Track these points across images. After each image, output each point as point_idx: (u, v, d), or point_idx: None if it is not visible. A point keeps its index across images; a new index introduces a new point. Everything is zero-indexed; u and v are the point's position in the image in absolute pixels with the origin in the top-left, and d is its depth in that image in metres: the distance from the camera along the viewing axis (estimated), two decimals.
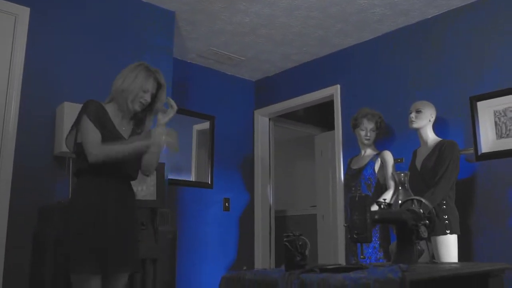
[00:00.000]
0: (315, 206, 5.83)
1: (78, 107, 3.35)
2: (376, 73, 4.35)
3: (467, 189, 3.61)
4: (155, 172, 3.70)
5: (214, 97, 4.95)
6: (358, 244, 1.85)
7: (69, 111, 3.27)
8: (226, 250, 4.66)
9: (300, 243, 1.56)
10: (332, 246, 4.98)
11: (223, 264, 4.53)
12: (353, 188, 3.73)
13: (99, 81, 3.58)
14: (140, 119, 2.53)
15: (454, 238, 3.31)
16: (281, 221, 5.94)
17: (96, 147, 2.26)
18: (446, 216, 3.29)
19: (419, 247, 2.01)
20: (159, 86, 2.47)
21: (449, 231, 3.28)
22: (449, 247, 3.27)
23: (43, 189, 3.33)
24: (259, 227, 4.97)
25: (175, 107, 2.47)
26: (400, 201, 2.10)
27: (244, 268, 1.63)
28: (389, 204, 1.97)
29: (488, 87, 3.60)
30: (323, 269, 1.45)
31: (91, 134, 2.29)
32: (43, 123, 3.34)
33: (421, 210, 1.97)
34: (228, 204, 4.76)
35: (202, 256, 4.44)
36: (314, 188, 5.90)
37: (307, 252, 1.56)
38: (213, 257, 4.51)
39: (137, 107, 2.40)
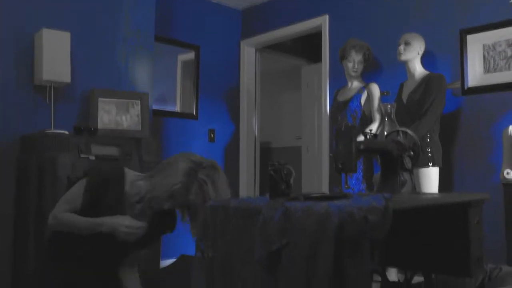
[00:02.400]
0: (300, 138, 5.86)
1: (57, 33, 3.26)
2: (365, 3, 4.23)
3: (451, 123, 3.63)
4: (139, 102, 3.65)
5: (199, 26, 4.80)
6: (343, 174, 1.86)
7: (48, 38, 3.16)
8: None
9: (285, 172, 1.55)
10: (316, 178, 5.06)
11: None
12: (338, 120, 3.74)
13: (80, 4, 3.44)
14: None
15: (436, 170, 3.36)
16: (266, 152, 5.98)
17: None
18: (430, 149, 3.32)
19: (402, 178, 2.03)
20: None
21: (431, 164, 3.33)
22: (430, 179, 3.33)
23: (25, 119, 3.27)
24: (244, 158, 5.01)
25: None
26: (385, 132, 2.09)
27: (228, 197, 1.63)
28: (374, 135, 1.97)
29: (479, 21, 3.53)
30: (308, 198, 1.46)
31: None
32: (21, 52, 3.23)
33: (406, 142, 1.97)
34: (213, 135, 4.76)
35: None
36: (300, 120, 5.91)
37: (291, 181, 1.56)
38: None
39: None
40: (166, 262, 3.52)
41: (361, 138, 1.92)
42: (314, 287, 1.24)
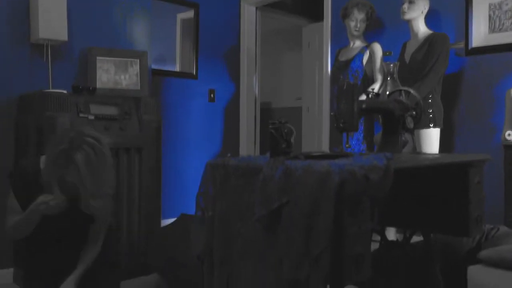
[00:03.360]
0: (300, 98, 5.82)
1: None
2: None
3: (454, 84, 3.59)
4: (137, 61, 3.61)
5: None
6: (344, 134, 1.84)
7: None
8: (211, 140, 4.69)
9: (285, 130, 1.53)
10: (316, 139, 5.05)
11: (208, 153, 4.57)
12: (340, 80, 3.70)
13: None
14: None
15: (436, 131, 3.35)
16: (266, 113, 5.95)
17: None
18: (431, 110, 3.30)
19: (403, 138, 2.02)
20: None
21: (432, 125, 3.31)
22: (431, 140, 3.32)
23: (22, 78, 3.23)
24: (244, 118, 4.98)
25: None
26: (388, 92, 2.07)
27: (229, 155, 1.62)
28: (377, 94, 1.94)
29: None
30: (308, 156, 1.45)
31: None
32: (17, 9, 3.16)
33: (409, 101, 1.95)
34: (213, 95, 4.72)
35: (187, 146, 4.47)
36: (300, 80, 5.85)
37: (292, 140, 1.55)
38: (198, 146, 4.55)
39: None
40: (166, 222, 3.55)
41: (363, 97, 1.90)
42: (314, 245, 1.24)
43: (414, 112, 1.96)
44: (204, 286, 1.62)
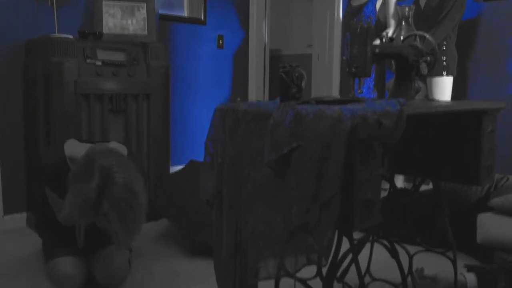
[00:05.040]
0: (311, 45, 5.70)
1: None
2: None
3: (469, 31, 3.49)
4: (144, 5, 3.52)
5: None
6: (356, 80, 1.80)
7: None
8: (220, 87, 4.65)
9: (296, 74, 1.50)
10: (326, 87, 4.98)
11: (216, 100, 4.53)
12: (352, 25, 3.60)
13: None
14: None
15: (449, 79, 3.29)
16: (275, 60, 5.86)
17: None
18: (445, 57, 3.23)
19: (416, 85, 1.97)
20: None
21: (445, 73, 3.25)
22: (444, 88, 3.27)
23: (27, 23, 3.19)
24: (253, 65, 4.91)
25: None
26: (402, 37, 2.00)
27: (238, 99, 1.59)
28: (391, 39, 1.88)
29: None
30: (319, 101, 1.42)
31: None
32: None
33: (424, 47, 1.88)
34: (222, 42, 4.63)
35: (196, 92, 4.44)
36: (311, 27, 5.71)
37: (303, 84, 1.51)
38: (206, 93, 4.51)
39: None
40: (175, 168, 3.57)
41: (376, 42, 1.84)
42: (324, 190, 1.23)
43: (428, 58, 1.90)
44: (213, 231, 1.63)
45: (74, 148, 2.28)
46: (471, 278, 2.35)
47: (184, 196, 2.94)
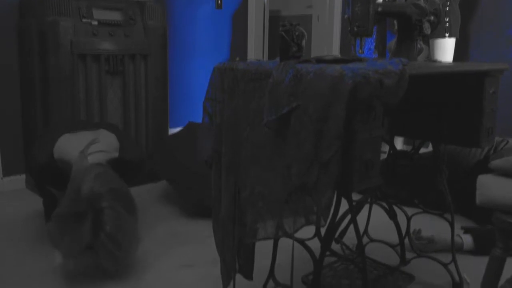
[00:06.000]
0: (311, 6, 5.60)
1: None
2: None
3: None
4: None
5: None
6: (357, 40, 1.77)
7: None
8: (219, 48, 4.57)
9: (296, 33, 1.46)
10: (327, 49, 4.91)
11: (215, 61, 4.43)
12: None
13: None
14: None
15: (452, 41, 3.24)
16: (275, 21, 5.77)
17: None
18: (448, 19, 3.16)
19: (419, 45, 1.93)
20: None
21: (448, 34, 3.19)
22: (445, 50, 3.22)
23: None
24: (252, 26, 4.82)
25: None
26: None
27: (237, 59, 1.56)
28: None
29: None
30: (320, 60, 1.39)
31: None
32: None
33: (427, 6, 1.84)
34: (221, 2, 4.52)
35: (194, 53, 4.37)
36: None
37: (303, 43, 1.47)
38: (205, 55, 4.44)
39: None
40: (174, 131, 3.55)
41: (379, 0, 1.79)
42: (324, 150, 1.22)
43: (432, 18, 1.85)
44: (212, 191, 1.63)
45: (64, 148, 2.30)
46: (467, 239, 2.37)
47: (183, 157, 2.93)
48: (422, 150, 2.53)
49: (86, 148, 2.18)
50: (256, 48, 4.88)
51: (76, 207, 1.94)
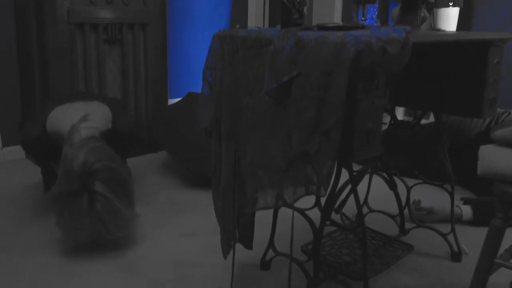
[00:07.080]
0: None
1: None
2: None
3: None
4: None
5: None
6: (360, 10, 1.74)
7: None
8: (218, 16, 4.50)
9: (298, 0, 1.43)
10: (328, 17, 4.85)
11: (215, 30, 4.41)
12: None
13: None
14: None
15: (456, 11, 3.18)
16: None
17: None
18: None
19: (422, 14, 1.90)
20: None
21: (452, 3, 3.14)
22: (449, 19, 3.17)
23: None
24: None
25: None
26: None
27: (237, 26, 1.53)
28: None
29: None
30: (322, 28, 1.36)
31: None
32: None
33: None
34: None
35: (193, 23, 4.30)
36: None
37: (305, 10, 1.44)
38: (204, 24, 4.38)
39: None
40: (174, 101, 3.53)
41: None
42: (325, 118, 1.20)
43: None
44: (212, 160, 1.62)
45: (56, 122, 2.27)
46: (466, 210, 2.38)
47: (183, 127, 2.92)
48: (423, 122, 2.52)
49: (79, 122, 2.16)
50: (256, 15, 4.81)
51: (70, 186, 1.93)
